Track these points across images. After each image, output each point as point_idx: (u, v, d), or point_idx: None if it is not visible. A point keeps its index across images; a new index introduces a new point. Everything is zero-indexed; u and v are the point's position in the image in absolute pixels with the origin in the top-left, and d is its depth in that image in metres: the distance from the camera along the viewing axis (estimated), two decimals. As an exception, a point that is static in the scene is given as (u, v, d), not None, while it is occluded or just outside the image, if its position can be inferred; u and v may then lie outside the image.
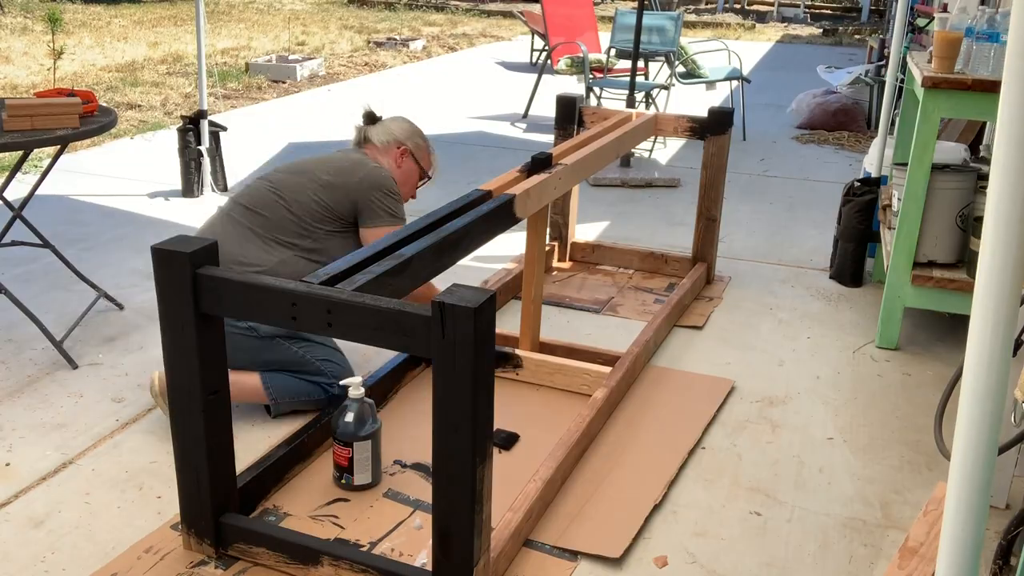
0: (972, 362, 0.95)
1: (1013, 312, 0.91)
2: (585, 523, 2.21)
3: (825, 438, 2.65)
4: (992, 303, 0.92)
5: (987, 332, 0.93)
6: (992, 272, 0.91)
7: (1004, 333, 0.92)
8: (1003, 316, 0.92)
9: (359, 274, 1.92)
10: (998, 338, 0.92)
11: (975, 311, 0.93)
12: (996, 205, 0.89)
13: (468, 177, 5.38)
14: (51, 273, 3.65)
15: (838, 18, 16.49)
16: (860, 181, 3.85)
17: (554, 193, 2.73)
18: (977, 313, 0.93)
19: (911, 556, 1.69)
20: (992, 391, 0.94)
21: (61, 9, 12.29)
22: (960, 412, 0.97)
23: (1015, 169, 0.88)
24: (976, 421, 0.96)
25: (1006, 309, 0.91)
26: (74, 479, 2.35)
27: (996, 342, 0.92)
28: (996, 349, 0.93)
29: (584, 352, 3.01)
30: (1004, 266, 0.90)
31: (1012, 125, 0.87)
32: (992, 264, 0.91)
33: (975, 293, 0.93)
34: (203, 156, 4.77)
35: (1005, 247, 0.90)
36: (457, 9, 15.95)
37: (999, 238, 0.90)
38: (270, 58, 8.99)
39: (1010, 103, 0.87)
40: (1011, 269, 0.90)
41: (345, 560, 1.92)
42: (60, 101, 2.87)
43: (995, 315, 0.92)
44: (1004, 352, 0.93)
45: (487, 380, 1.70)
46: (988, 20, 2.86)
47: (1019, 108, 0.86)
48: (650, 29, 6.72)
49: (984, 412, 0.95)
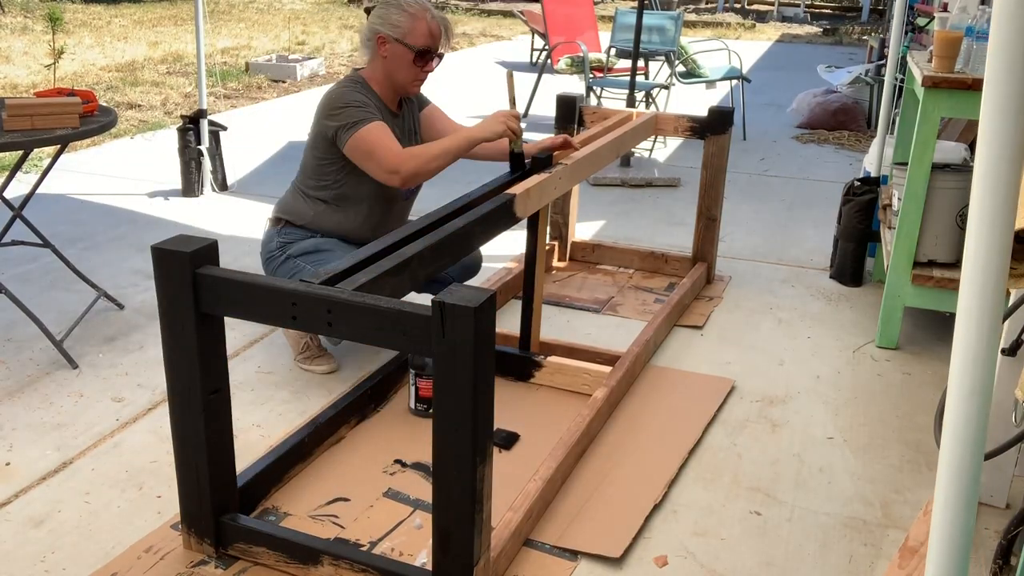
0: (958, 360, 0.95)
1: (996, 311, 0.92)
2: (585, 523, 2.21)
3: (825, 438, 2.65)
4: (976, 303, 0.92)
5: (972, 330, 0.93)
6: (976, 271, 0.91)
7: (989, 331, 0.92)
8: (987, 313, 0.92)
9: (359, 274, 1.92)
10: (983, 337, 0.93)
11: (960, 310, 0.94)
12: (980, 203, 0.89)
13: (468, 177, 5.38)
14: (51, 273, 3.65)
15: (838, 18, 16.49)
16: (860, 181, 3.85)
17: (554, 193, 2.73)
18: (962, 313, 0.93)
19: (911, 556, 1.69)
20: (978, 390, 0.95)
21: (61, 9, 12.28)
22: (947, 411, 0.97)
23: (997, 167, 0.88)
24: (962, 420, 0.96)
25: (990, 307, 0.91)
26: (74, 479, 2.35)
27: (981, 341, 0.93)
28: (981, 347, 0.93)
29: (584, 352, 3.01)
30: (988, 265, 0.90)
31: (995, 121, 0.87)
32: (976, 263, 0.91)
33: (960, 292, 0.93)
34: (203, 156, 4.77)
35: (988, 244, 0.90)
36: (457, 9, 15.95)
37: (982, 235, 0.90)
38: (270, 58, 8.99)
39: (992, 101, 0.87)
40: (995, 268, 0.90)
41: (345, 560, 1.92)
42: (60, 101, 2.87)
43: (979, 313, 0.92)
44: (989, 350, 0.93)
45: (487, 380, 1.70)
46: (988, 20, 2.86)
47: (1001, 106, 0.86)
48: (650, 29, 6.72)
49: (970, 410, 0.95)
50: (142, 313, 3.35)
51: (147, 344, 3.11)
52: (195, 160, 4.76)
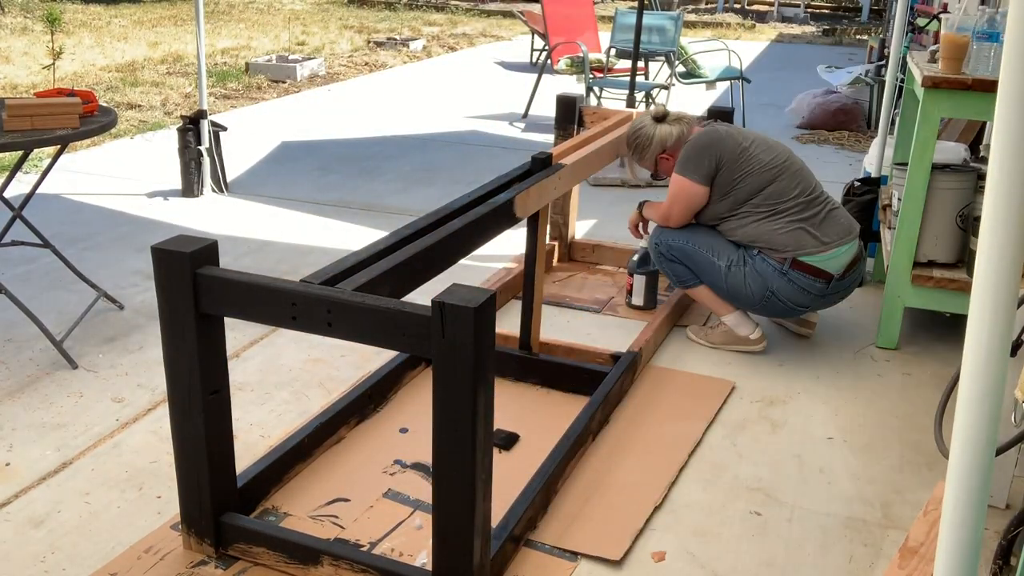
0: (969, 361, 0.94)
1: (1010, 311, 0.91)
2: (585, 523, 2.21)
3: (825, 438, 2.65)
4: (989, 302, 0.92)
5: (984, 332, 0.93)
6: (989, 271, 0.91)
7: (1001, 332, 0.92)
8: (1000, 315, 0.92)
9: (359, 274, 1.92)
10: (995, 338, 0.92)
11: (972, 310, 0.93)
12: (993, 203, 0.89)
13: (468, 177, 5.38)
14: (51, 273, 3.65)
15: (838, 18, 16.49)
16: (860, 181, 3.85)
17: (554, 193, 2.73)
18: (974, 312, 0.93)
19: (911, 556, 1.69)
20: (990, 391, 0.94)
21: (61, 9, 12.28)
22: (958, 412, 0.97)
23: (1012, 167, 0.87)
24: (974, 421, 0.96)
25: (1003, 308, 0.91)
26: (74, 479, 2.35)
27: (993, 342, 0.92)
28: (993, 349, 0.92)
29: (584, 352, 3.01)
30: (1001, 265, 0.90)
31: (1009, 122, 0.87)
32: (989, 263, 0.91)
33: (972, 292, 0.93)
34: (203, 156, 4.77)
35: (1002, 246, 0.89)
36: (457, 9, 15.96)
37: (996, 237, 0.90)
38: (270, 58, 8.99)
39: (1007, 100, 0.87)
40: (1008, 268, 0.90)
41: (345, 560, 1.92)
42: (60, 101, 2.87)
43: (992, 314, 0.92)
44: (1002, 352, 0.93)
45: (487, 380, 1.70)
46: (988, 20, 2.86)
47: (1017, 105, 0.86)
48: (650, 29, 6.73)
49: (982, 412, 0.95)
50: (142, 313, 3.35)
51: (147, 344, 3.11)
52: (195, 160, 4.76)
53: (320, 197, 4.91)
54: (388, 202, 4.86)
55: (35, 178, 3.87)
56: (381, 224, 4.45)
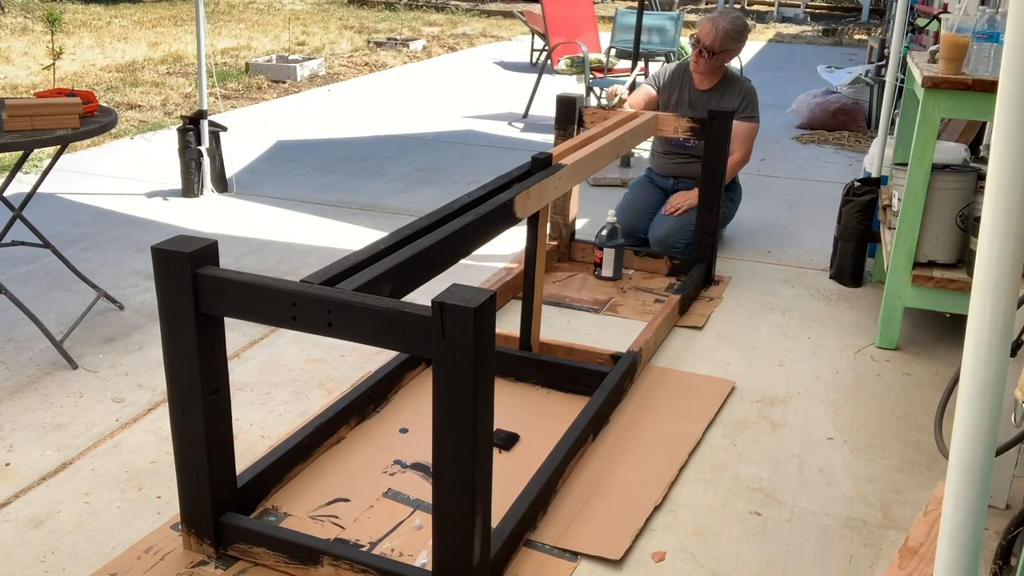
0: (970, 362, 0.94)
1: (1010, 311, 0.91)
2: (585, 523, 2.21)
3: (825, 438, 2.65)
4: (989, 302, 0.92)
5: (984, 332, 0.93)
6: (989, 271, 0.91)
7: (1001, 332, 0.92)
8: (1000, 315, 0.92)
9: (359, 274, 1.92)
10: (995, 338, 0.92)
11: (972, 310, 0.93)
12: (993, 203, 0.89)
13: (468, 177, 5.39)
14: (51, 273, 3.65)
15: (838, 18, 16.49)
16: (860, 181, 3.85)
17: (554, 193, 2.73)
18: (974, 312, 0.93)
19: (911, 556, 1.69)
20: (989, 391, 0.94)
21: (61, 9, 12.29)
22: (958, 412, 0.97)
23: (1012, 167, 0.88)
24: (974, 421, 0.96)
25: (1003, 308, 0.91)
26: (74, 479, 2.35)
27: (993, 342, 0.92)
28: (993, 349, 0.92)
29: (584, 352, 3.01)
30: (1001, 265, 0.90)
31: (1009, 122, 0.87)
32: (989, 263, 0.91)
33: (972, 292, 0.93)
34: (203, 156, 4.77)
35: (1002, 246, 0.89)
36: (457, 9, 15.96)
37: (996, 237, 0.90)
38: (270, 58, 8.99)
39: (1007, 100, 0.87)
40: (1008, 268, 0.90)
41: (345, 560, 1.92)
42: (60, 101, 2.87)
43: (992, 314, 0.92)
44: (1002, 352, 0.93)
45: (487, 380, 1.70)
46: (988, 20, 2.86)
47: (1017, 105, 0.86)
48: (650, 29, 6.73)
49: (982, 412, 0.95)
50: (142, 313, 3.35)
51: (147, 344, 3.11)
52: (195, 160, 4.76)
53: (320, 197, 4.91)
54: (388, 202, 4.86)
55: (35, 178, 3.87)
56: (381, 224, 4.45)
